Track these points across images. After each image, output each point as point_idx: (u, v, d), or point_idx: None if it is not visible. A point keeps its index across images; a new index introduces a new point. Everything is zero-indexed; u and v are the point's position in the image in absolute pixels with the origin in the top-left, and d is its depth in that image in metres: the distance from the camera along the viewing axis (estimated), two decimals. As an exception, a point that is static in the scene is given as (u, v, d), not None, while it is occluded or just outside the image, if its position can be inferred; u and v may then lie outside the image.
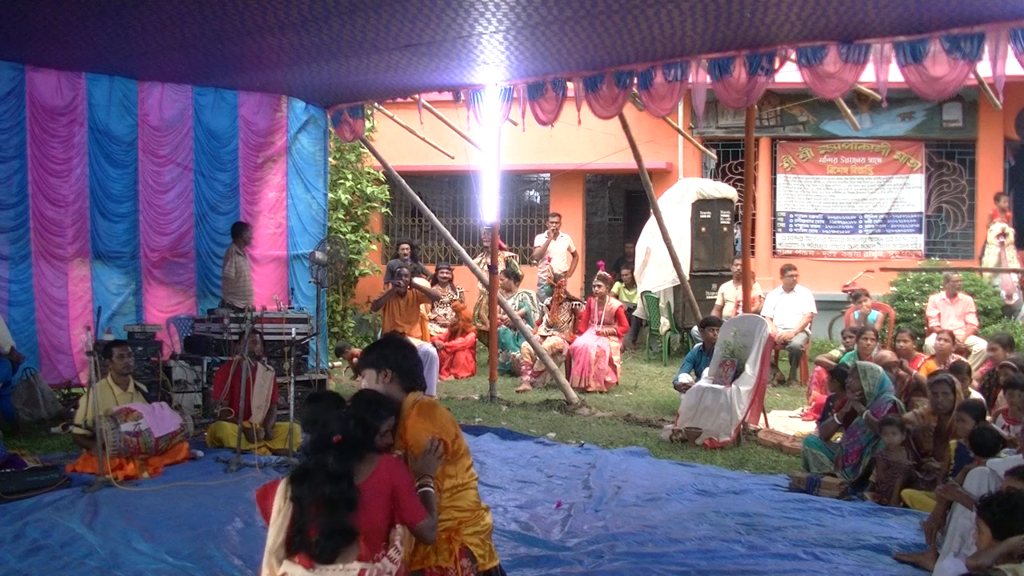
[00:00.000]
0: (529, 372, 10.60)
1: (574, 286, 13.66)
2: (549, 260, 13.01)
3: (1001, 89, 6.42)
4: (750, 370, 8.00)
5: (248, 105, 10.33)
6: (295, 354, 8.78)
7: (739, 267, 10.72)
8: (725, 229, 12.83)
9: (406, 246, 13.42)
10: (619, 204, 18.69)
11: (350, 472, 3.20)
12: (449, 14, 6.62)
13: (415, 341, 8.89)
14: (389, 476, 3.27)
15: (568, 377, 10.13)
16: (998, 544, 3.75)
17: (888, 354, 8.01)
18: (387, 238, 15.66)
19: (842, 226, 14.45)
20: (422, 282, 10.59)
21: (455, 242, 11.30)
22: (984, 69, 6.58)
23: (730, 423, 7.73)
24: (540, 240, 13.29)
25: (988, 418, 6.07)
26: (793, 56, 7.17)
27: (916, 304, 11.74)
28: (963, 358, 8.59)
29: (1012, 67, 6.38)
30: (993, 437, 5.25)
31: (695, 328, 10.80)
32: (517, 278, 12.15)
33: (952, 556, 4.46)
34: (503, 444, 7.65)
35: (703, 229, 12.67)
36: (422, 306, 10.28)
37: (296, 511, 3.16)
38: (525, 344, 10.67)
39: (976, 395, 7.15)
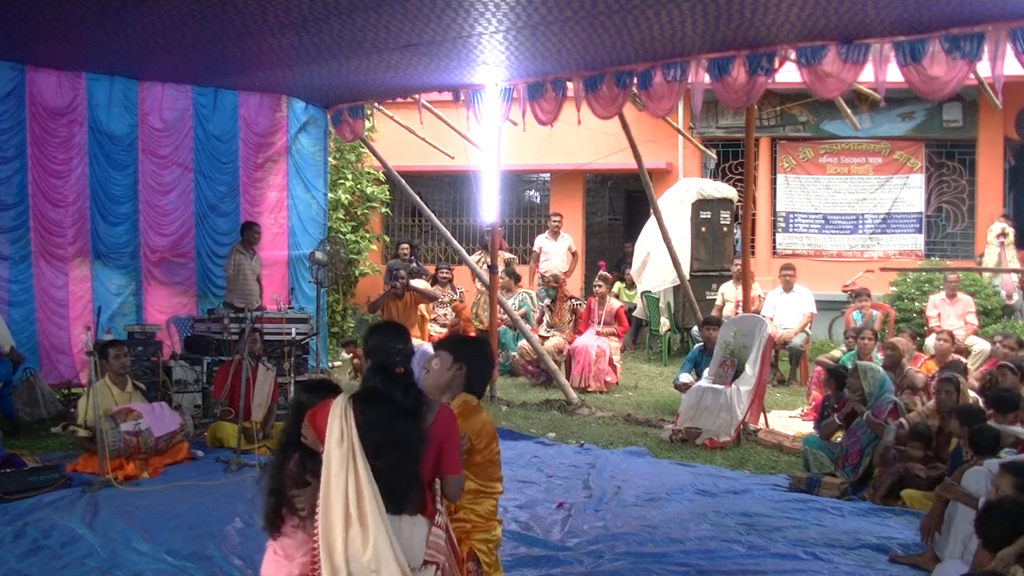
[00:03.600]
0: (530, 370, 10.59)
1: (574, 286, 13.66)
2: (536, 268, 12.98)
3: (1000, 89, 6.42)
4: (750, 370, 8.00)
5: (248, 105, 10.33)
6: (295, 354, 8.79)
7: (739, 267, 10.71)
8: (725, 229, 12.83)
9: (406, 246, 13.42)
10: (619, 204, 18.69)
11: (421, 411, 2.99)
12: (449, 14, 6.62)
13: (415, 341, 8.88)
14: (446, 424, 3.08)
15: (568, 377, 10.12)
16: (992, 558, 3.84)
17: (903, 341, 8.00)
18: (387, 238, 15.66)
19: (842, 226, 14.45)
20: (420, 283, 10.58)
21: (455, 242, 11.30)
22: (984, 69, 6.57)
23: (730, 423, 7.73)
24: (540, 241, 13.27)
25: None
26: (793, 56, 7.16)
27: (916, 304, 11.74)
28: (963, 358, 8.59)
29: (1012, 67, 6.38)
30: (992, 436, 5.25)
31: (695, 328, 10.80)
32: (517, 278, 12.16)
33: (954, 560, 4.47)
34: (503, 444, 7.48)
35: (703, 229, 12.67)
36: (422, 306, 10.28)
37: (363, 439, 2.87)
38: (522, 343, 10.67)
39: (972, 396, 7.14)
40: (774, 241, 14.69)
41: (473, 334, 11.71)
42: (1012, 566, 3.77)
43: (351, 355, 11.01)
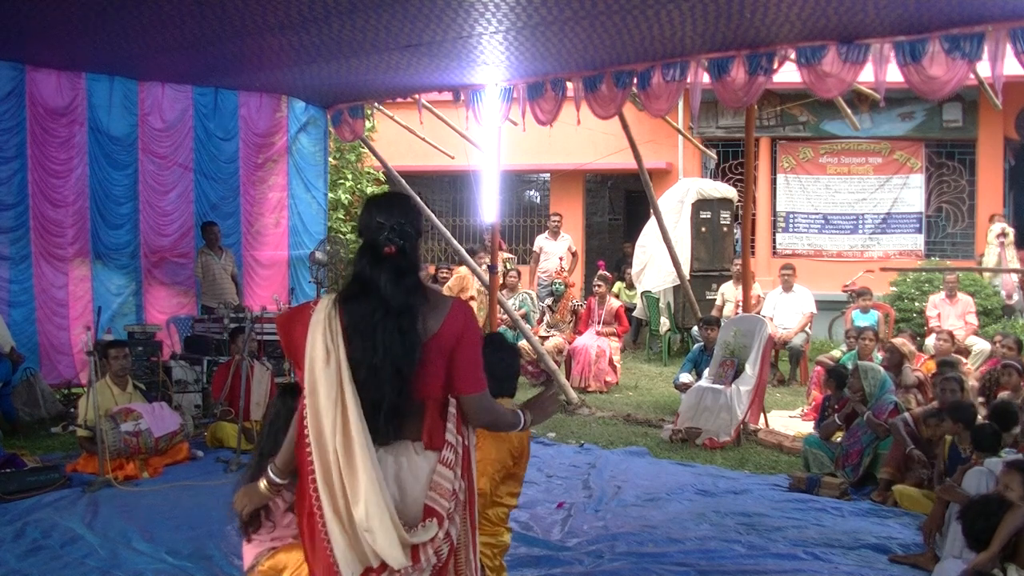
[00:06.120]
0: (530, 370, 10.59)
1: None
2: (536, 269, 12.95)
3: (1000, 89, 6.41)
4: (750, 370, 8.00)
5: (248, 105, 10.34)
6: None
7: (739, 267, 10.72)
8: (725, 229, 12.83)
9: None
10: (619, 204, 18.70)
11: (414, 311, 2.32)
12: (449, 14, 6.62)
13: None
14: (462, 325, 2.39)
15: (568, 377, 10.12)
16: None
17: (901, 341, 8.00)
18: (387, 238, 15.64)
19: (842, 226, 14.45)
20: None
21: (455, 242, 11.30)
22: (984, 69, 6.57)
23: (730, 423, 7.73)
24: (540, 241, 13.26)
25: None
26: (793, 56, 7.16)
27: (916, 304, 11.75)
28: (962, 358, 8.58)
29: (1012, 67, 6.37)
30: (994, 434, 5.24)
31: (695, 328, 10.80)
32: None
33: (953, 559, 4.47)
34: (503, 444, 7.63)
35: (703, 229, 12.67)
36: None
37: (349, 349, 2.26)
38: (522, 343, 10.66)
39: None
40: (774, 241, 14.69)
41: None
42: (1006, 563, 3.79)
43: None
